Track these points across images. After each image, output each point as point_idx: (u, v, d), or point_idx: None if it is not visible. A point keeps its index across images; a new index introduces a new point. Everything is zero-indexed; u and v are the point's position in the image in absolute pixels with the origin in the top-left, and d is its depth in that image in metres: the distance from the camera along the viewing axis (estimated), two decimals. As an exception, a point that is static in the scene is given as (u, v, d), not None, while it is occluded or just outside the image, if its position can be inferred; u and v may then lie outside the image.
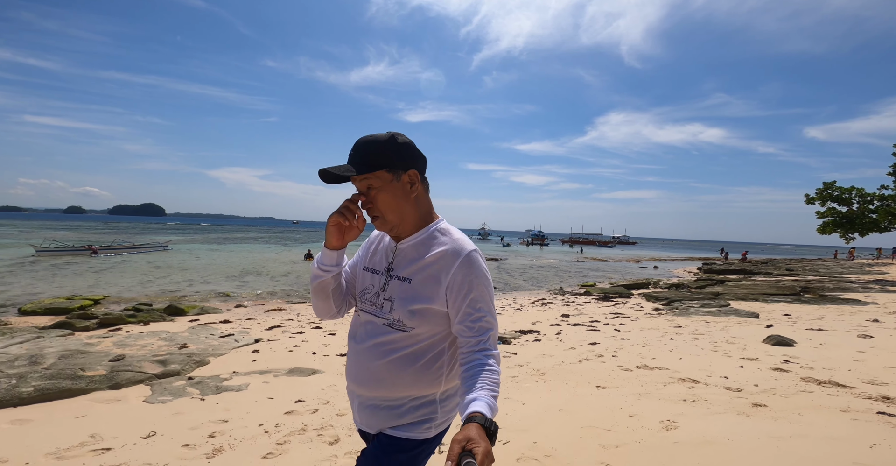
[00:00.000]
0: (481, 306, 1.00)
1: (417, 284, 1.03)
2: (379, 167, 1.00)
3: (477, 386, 0.90)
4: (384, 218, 1.04)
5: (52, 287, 12.05)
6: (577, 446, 2.51)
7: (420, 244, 1.06)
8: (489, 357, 0.97)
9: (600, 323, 7.79)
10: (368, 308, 1.09)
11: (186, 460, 2.34)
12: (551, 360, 4.92)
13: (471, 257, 1.02)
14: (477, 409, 0.84)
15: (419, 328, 1.02)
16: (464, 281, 0.99)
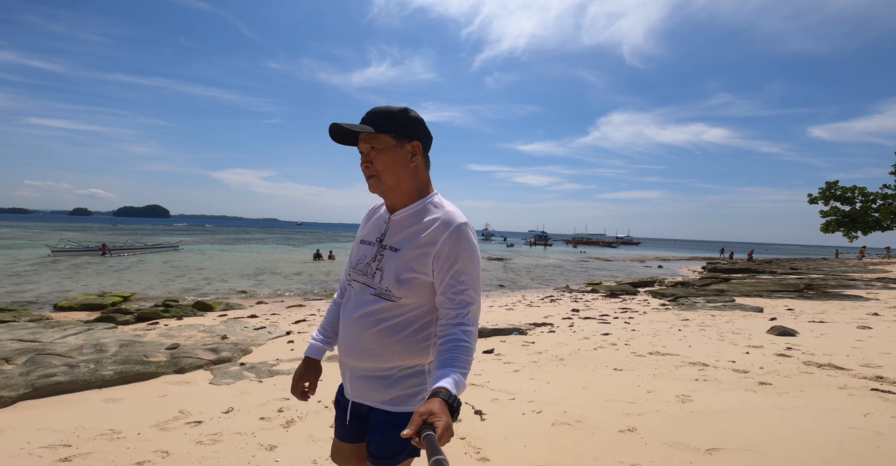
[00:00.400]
0: (465, 278, 1.00)
1: (407, 253, 1.03)
2: (385, 131, 1.04)
3: (448, 362, 0.92)
4: (379, 178, 1.06)
5: (78, 285, 12.48)
6: (604, 414, 2.86)
7: (413, 216, 1.08)
8: (466, 333, 0.97)
9: (610, 317, 8.12)
10: (359, 278, 1.11)
11: (268, 430, 2.70)
12: (568, 348, 5.27)
13: (460, 229, 1.01)
14: (443, 385, 0.85)
15: (406, 297, 1.03)
16: (451, 252, 1.00)
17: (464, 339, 0.96)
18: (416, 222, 1.06)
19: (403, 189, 1.07)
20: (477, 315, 1.03)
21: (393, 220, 1.10)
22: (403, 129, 1.05)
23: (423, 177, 1.10)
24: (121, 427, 2.63)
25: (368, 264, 1.09)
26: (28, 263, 17.66)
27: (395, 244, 1.06)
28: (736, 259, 34.38)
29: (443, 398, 0.82)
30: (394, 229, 1.09)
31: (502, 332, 6.51)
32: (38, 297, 10.34)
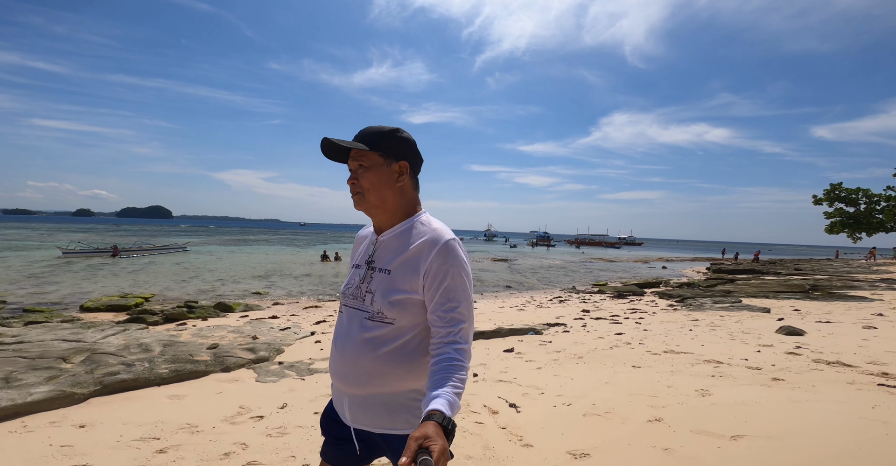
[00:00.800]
0: (455, 296, 0.98)
1: (396, 274, 1.03)
2: (374, 149, 1.04)
3: (440, 383, 0.89)
4: (364, 195, 1.06)
5: (97, 287, 12.76)
6: (630, 406, 3.09)
7: (400, 235, 1.07)
8: (458, 352, 0.95)
9: (620, 317, 8.35)
10: (350, 302, 1.10)
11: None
12: (584, 347, 5.50)
13: (448, 246, 1.00)
14: (436, 407, 0.83)
15: (401, 319, 1.02)
16: (439, 269, 0.98)
17: (457, 358, 0.94)
18: (403, 241, 1.05)
19: (388, 208, 1.07)
20: (470, 333, 1.00)
21: (380, 241, 1.10)
22: (392, 148, 1.06)
23: (410, 197, 1.10)
24: (195, 421, 2.88)
25: (358, 287, 1.09)
26: (43, 264, 17.98)
27: (383, 265, 1.05)
28: (741, 260, 34.51)
29: (437, 420, 0.80)
30: (381, 249, 1.09)
31: (519, 332, 6.74)
32: (62, 298, 10.62)
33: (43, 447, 2.42)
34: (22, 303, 9.73)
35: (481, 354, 5.19)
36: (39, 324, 6.76)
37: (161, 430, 2.70)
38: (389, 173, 1.05)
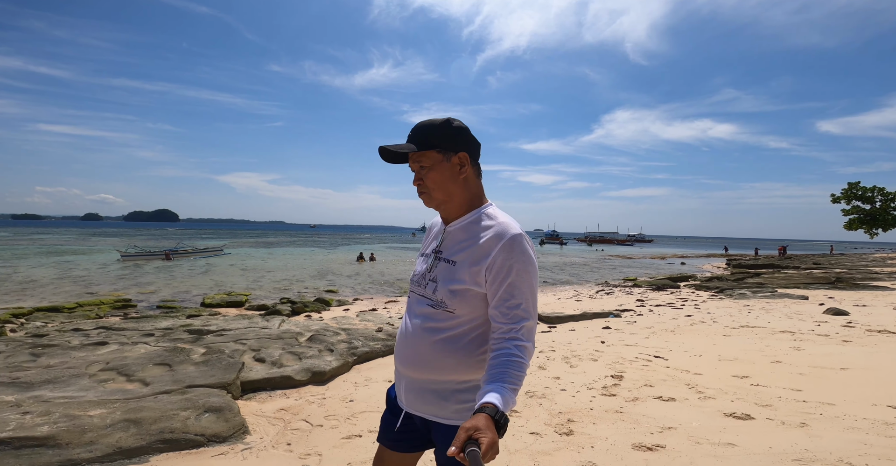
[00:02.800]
0: (518, 292, 0.97)
1: (460, 265, 1.03)
2: (430, 147, 1.05)
3: (498, 377, 0.89)
4: (430, 194, 1.08)
5: (188, 285, 14.12)
6: (749, 355, 4.31)
7: (467, 227, 1.08)
8: (519, 348, 0.94)
9: (676, 304, 9.55)
10: (417, 289, 1.13)
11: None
12: (668, 325, 6.72)
13: (514, 240, 0.99)
14: (490, 400, 0.83)
15: (461, 309, 1.02)
16: (504, 264, 0.98)
17: (517, 354, 0.93)
18: (469, 233, 1.06)
19: (455, 201, 1.09)
20: (532, 331, 0.99)
21: (448, 231, 1.11)
22: (448, 141, 1.06)
23: (475, 187, 1.11)
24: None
25: (423, 275, 1.11)
26: (116, 267, 19.40)
27: (449, 256, 1.07)
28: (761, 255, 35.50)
29: (489, 413, 0.80)
30: (448, 240, 1.10)
31: (600, 315, 7.98)
32: (173, 295, 11.97)
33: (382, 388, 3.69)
34: (143, 301, 11.09)
35: (586, 331, 6.42)
36: (196, 317, 8.05)
37: None
38: (451, 168, 1.06)
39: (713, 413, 2.76)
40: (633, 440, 2.39)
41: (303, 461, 2.42)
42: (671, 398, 3.09)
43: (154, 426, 2.63)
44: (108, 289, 12.84)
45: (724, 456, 2.15)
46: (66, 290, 12.60)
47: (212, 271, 19.15)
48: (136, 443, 2.48)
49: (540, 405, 3.15)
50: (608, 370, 4.02)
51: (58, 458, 2.26)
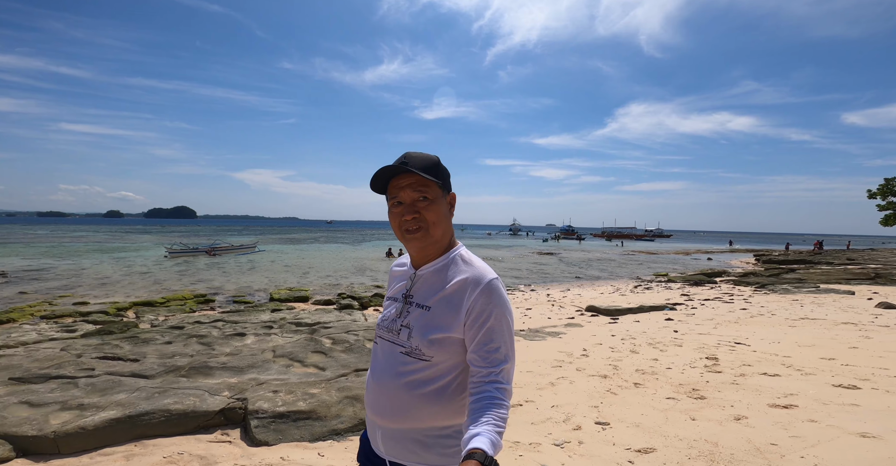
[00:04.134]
0: (497, 336, 0.97)
1: (436, 311, 1.01)
2: (435, 178, 1.01)
3: (482, 420, 0.88)
4: (428, 230, 1.02)
5: (246, 281, 15.04)
6: (824, 343, 4.83)
7: (441, 270, 1.05)
8: (500, 391, 0.93)
9: (724, 299, 9.99)
10: (386, 336, 1.09)
11: (620, 352, 4.79)
12: (727, 317, 7.22)
13: (492, 285, 0.99)
14: (477, 446, 0.82)
15: (438, 357, 1.00)
16: (483, 310, 0.97)
17: (498, 396, 0.92)
18: (443, 277, 1.03)
19: (442, 242, 1.06)
20: (511, 374, 0.98)
21: (419, 275, 1.07)
22: (444, 179, 1.04)
23: (451, 229, 1.09)
24: (546, 356, 4.77)
25: (394, 320, 1.07)
26: (170, 263, 20.56)
27: (422, 301, 1.04)
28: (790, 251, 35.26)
29: (479, 459, 0.79)
30: (419, 284, 1.07)
31: (656, 308, 8.50)
32: (238, 290, 12.86)
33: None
34: (216, 296, 11.99)
35: (651, 322, 6.96)
36: (279, 311, 8.83)
37: (549, 356, 4.61)
38: (446, 206, 1.05)
39: (821, 384, 3.32)
40: (765, 401, 2.98)
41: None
42: (776, 374, 3.65)
43: (342, 408, 3.29)
44: (177, 285, 13.80)
45: (855, 412, 2.71)
46: (140, 285, 13.61)
47: (257, 267, 20.13)
48: (342, 423, 3.12)
49: (656, 379, 3.75)
50: (698, 353, 4.59)
51: (324, 428, 2.94)
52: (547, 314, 8.51)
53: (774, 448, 2.33)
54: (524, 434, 2.74)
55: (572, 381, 3.84)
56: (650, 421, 2.77)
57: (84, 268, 17.82)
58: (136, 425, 2.81)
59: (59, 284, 13.35)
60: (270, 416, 3.01)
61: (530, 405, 3.31)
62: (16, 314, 8.30)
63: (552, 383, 3.83)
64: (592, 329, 6.45)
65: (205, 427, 2.99)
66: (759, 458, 2.22)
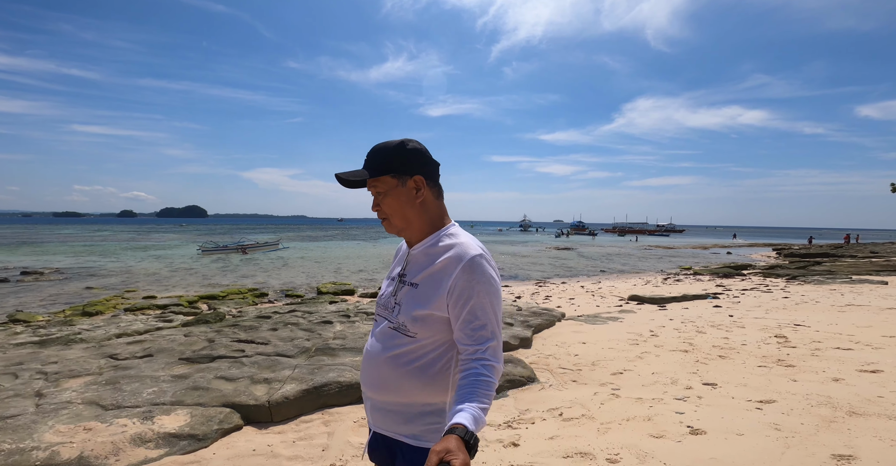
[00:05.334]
0: (482, 313, 0.98)
1: (422, 289, 1.04)
2: (384, 173, 1.05)
3: (467, 397, 0.90)
4: (390, 221, 1.09)
5: (287, 276, 15.70)
6: (880, 325, 5.23)
7: (428, 249, 1.08)
8: (487, 368, 0.95)
9: (761, 288, 10.35)
10: (381, 312, 1.14)
11: (686, 332, 5.25)
12: (772, 304, 7.61)
13: (474, 262, 1.00)
14: (459, 421, 0.84)
15: (423, 333, 1.03)
16: (465, 287, 0.98)
17: (484, 373, 0.94)
18: (430, 256, 1.07)
19: (415, 226, 1.09)
20: (499, 350, 0.99)
21: (411, 254, 1.12)
22: (402, 165, 1.05)
23: (434, 209, 1.10)
24: (611, 337, 5.26)
25: (389, 298, 1.12)
26: (208, 260, 21.38)
27: (411, 279, 1.08)
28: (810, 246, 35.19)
29: (459, 434, 0.81)
30: (412, 263, 1.11)
31: (699, 297, 8.91)
32: (282, 285, 13.50)
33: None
34: (266, 289, 12.63)
35: (701, 309, 7.37)
36: (337, 304, 9.39)
37: (621, 337, 5.10)
38: (407, 192, 1.06)
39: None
40: (851, 368, 3.43)
41: (586, 387, 3.56)
42: (848, 348, 4.09)
43: None
44: (224, 280, 14.49)
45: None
46: (191, 281, 14.32)
47: (291, 263, 20.82)
48: (501, 385, 3.65)
49: (738, 353, 4.21)
50: (764, 333, 5.03)
51: None
52: (592, 302, 8.97)
53: (882, 400, 2.79)
54: (643, 392, 3.23)
55: (657, 355, 4.32)
56: (755, 382, 3.24)
57: (130, 265, 18.65)
58: (321, 395, 3.24)
59: (117, 280, 14.12)
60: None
61: (630, 373, 3.80)
62: (100, 306, 8.98)
63: (639, 356, 4.31)
64: (648, 315, 6.90)
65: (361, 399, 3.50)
66: (874, 406, 2.68)
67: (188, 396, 3.11)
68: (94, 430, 2.51)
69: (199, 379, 3.44)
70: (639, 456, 2.20)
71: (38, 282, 13.41)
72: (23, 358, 4.03)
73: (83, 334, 5.60)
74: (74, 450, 2.30)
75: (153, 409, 2.86)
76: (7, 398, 2.95)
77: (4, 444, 2.32)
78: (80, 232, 58.01)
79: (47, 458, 2.23)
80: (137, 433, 2.51)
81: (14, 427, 2.52)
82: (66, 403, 2.90)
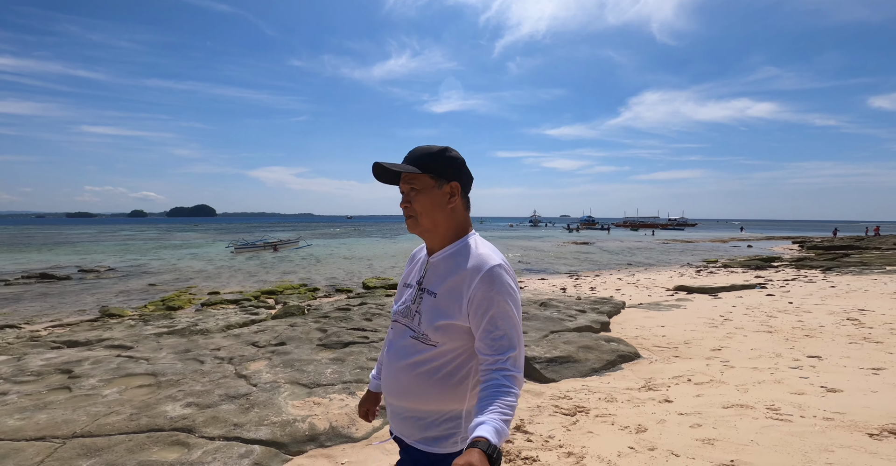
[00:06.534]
0: (502, 323, 0.99)
1: (442, 299, 1.05)
2: (425, 171, 1.06)
3: (489, 409, 0.89)
4: (417, 219, 1.09)
5: (326, 272, 16.28)
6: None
7: (449, 258, 1.09)
8: (508, 378, 0.95)
9: (804, 279, 10.67)
10: (401, 320, 1.14)
11: (753, 322, 5.67)
12: (822, 293, 7.96)
13: (493, 272, 1.00)
14: (482, 434, 0.83)
15: (443, 342, 1.04)
16: (484, 297, 0.99)
17: (505, 384, 0.94)
18: (450, 265, 1.07)
19: (440, 231, 1.10)
20: (520, 360, 0.99)
21: (431, 262, 1.12)
22: (443, 169, 1.07)
23: (461, 218, 1.12)
24: (700, 321, 5.69)
25: (409, 306, 1.13)
26: (244, 257, 22.05)
27: (431, 288, 1.09)
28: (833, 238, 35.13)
29: (482, 448, 0.80)
30: (431, 271, 1.11)
31: (746, 287, 9.29)
32: (326, 280, 14.06)
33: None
34: (313, 285, 13.19)
35: (756, 297, 7.75)
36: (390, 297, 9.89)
37: (694, 321, 5.53)
38: (441, 195, 1.08)
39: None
40: (938, 342, 3.84)
41: (693, 361, 4.01)
42: (926, 326, 4.50)
43: (596, 352, 4.26)
44: (269, 277, 15.07)
45: None
46: (240, 277, 14.93)
47: (323, 260, 21.41)
48: (607, 358, 4.09)
49: (820, 333, 4.63)
50: (834, 317, 5.43)
51: (584, 368, 3.89)
52: (640, 293, 9.38)
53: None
54: (755, 363, 3.67)
55: (744, 335, 4.75)
56: (856, 355, 3.66)
57: (173, 263, 19.36)
58: None
59: (170, 277, 14.77)
60: (545, 361, 3.99)
61: (728, 350, 4.23)
62: (179, 301, 9.57)
63: (727, 336, 4.74)
64: (706, 303, 7.32)
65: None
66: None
67: (364, 374, 3.60)
68: (322, 404, 2.93)
69: (356, 361, 3.93)
70: (795, 406, 2.65)
71: (100, 280, 14.11)
72: (186, 346, 4.54)
73: (199, 325, 6.14)
74: (324, 422, 2.70)
75: (349, 386, 3.33)
76: (220, 380, 3.40)
77: (271, 417, 2.73)
78: (103, 232, 59.35)
79: (308, 429, 2.64)
80: (356, 406, 2.99)
81: (260, 403, 2.93)
82: (272, 382, 3.32)
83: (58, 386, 3.29)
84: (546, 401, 3.13)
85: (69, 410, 2.81)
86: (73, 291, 11.75)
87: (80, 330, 6.37)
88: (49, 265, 18.23)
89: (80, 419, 2.68)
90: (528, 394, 3.37)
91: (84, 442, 2.41)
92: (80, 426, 2.60)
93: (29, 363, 3.86)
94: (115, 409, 2.83)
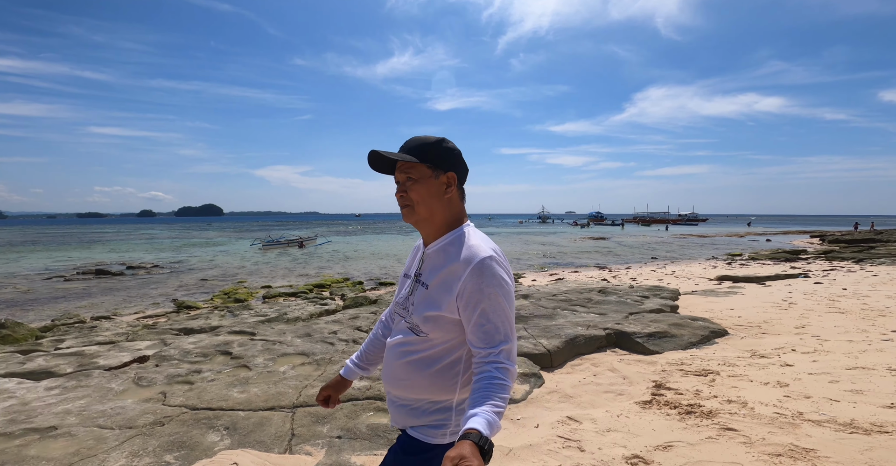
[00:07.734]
0: (494, 316, 0.98)
1: (433, 290, 1.05)
2: (422, 160, 1.06)
3: (481, 401, 0.90)
4: (413, 208, 1.08)
5: (358, 267, 16.73)
6: None
7: (442, 250, 1.09)
8: (500, 370, 0.95)
9: (840, 270, 10.92)
10: (399, 311, 1.17)
11: (818, 305, 5.99)
12: (872, 280, 8.24)
13: (483, 264, 0.99)
14: (474, 426, 0.84)
15: (433, 333, 1.05)
16: (474, 290, 0.98)
17: (498, 376, 0.94)
18: (443, 256, 1.07)
19: (435, 220, 1.10)
20: (512, 353, 0.99)
21: (426, 254, 1.13)
22: (440, 159, 1.07)
23: (457, 209, 1.12)
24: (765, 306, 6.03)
25: (406, 297, 1.14)
26: (272, 255, 22.58)
27: (425, 280, 1.09)
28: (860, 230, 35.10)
29: (473, 440, 0.81)
30: (426, 263, 1.12)
31: (791, 276, 9.58)
32: (363, 275, 14.50)
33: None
34: (353, 280, 13.63)
35: (805, 286, 8.04)
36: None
37: (759, 305, 5.88)
38: (438, 185, 1.08)
39: None
40: None
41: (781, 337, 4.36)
42: None
43: (687, 328, 4.60)
44: (308, 271, 15.56)
45: None
46: (280, 272, 15.41)
47: (350, 256, 21.87)
48: (701, 333, 4.45)
49: (892, 313, 4.96)
50: (893, 301, 5.75)
51: (682, 341, 4.24)
52: (683, 283, 9.70)
53: None
54: (847, 337, 4.02)
55: (819, 315, 5.09)
56: (938, 330, 4.01)
57: (210, 259, 19.94)
58: (574, 345, 4.08)
59: (216, 272, 15.29)
60: (645, 335, 4.36)
61: (812, 327, 4.57)
62: (243, 295, 10.04)
63: (803, 316, 5.08)
64: (759, 290, 7.63)
65: (600, 348, 4.22)
66: None
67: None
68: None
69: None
70: (914, 368, 3.01)
71: (151, 275, 14.67)
72: (305, 330, 4.86)
73: (289, 314, 6.57)
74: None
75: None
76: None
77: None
78: (121, 232, 60.46)
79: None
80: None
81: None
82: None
83: (236, 365, 3.60)
84: (667, 367, 3.51)
85: (271, 384, 3.13)
86: (133, 285, 12.29)
87: (181, 320, 6.84)
88: (94, 262, 18.89)
89: (288, 391, 3.01)
90: (640, 363, 3.74)
91: (309, 411, 2.73)
92: (293, 397, 2.91)
93: (181, 346, 4.17)
94: (305, 383, 3.15)
